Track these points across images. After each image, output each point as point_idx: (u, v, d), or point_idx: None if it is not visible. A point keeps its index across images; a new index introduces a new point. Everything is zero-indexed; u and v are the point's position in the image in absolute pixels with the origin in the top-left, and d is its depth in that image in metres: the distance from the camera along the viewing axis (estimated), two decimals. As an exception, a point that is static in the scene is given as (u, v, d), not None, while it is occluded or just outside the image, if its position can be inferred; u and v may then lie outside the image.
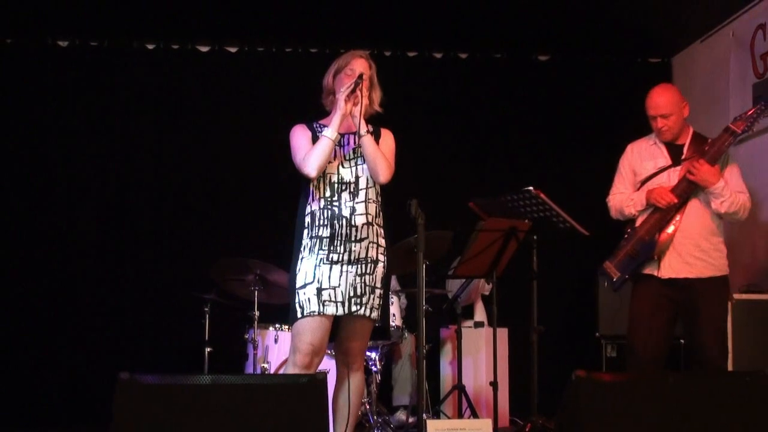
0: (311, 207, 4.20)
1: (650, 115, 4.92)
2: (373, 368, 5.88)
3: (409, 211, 4.19)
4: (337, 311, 4.08)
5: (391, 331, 5.83)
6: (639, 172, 4.99)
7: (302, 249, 4.17)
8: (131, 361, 6.48)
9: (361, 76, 4.17)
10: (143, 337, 6.87)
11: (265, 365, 5.62)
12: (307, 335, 4.08)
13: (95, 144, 7.09)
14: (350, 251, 4.12)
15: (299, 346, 4.09)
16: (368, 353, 5.91)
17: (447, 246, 5.78)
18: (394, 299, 5.91)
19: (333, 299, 4.08)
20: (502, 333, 6.51)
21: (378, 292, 4.18)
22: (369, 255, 4.16)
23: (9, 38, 7.04)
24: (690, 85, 7.36)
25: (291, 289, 4.17)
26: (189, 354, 6.38)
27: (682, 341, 5.68)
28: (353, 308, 4.10)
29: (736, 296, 5.27)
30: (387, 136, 4.37)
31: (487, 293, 6.52)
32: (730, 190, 4.74)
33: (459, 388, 5.83)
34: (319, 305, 4.06)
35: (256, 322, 5.74)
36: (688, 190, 4.77)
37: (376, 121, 4.34)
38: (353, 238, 4.13)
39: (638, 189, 4.96)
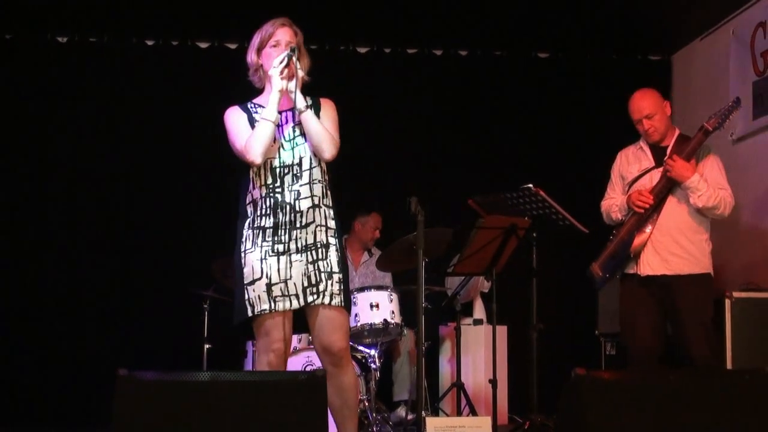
0: (252, 195, 3.94)
1: (635, 120, 5.02)
2: (372, 365, 5.87)
3: (408, 209, 4.17)
4: (291, 305, 3.85)
5: (390, 327, 5.84)
6: (626, 177, 5.10)
7: (244, 241, 3.92)
8: (130, 358, 6.47)
9: (293, 49, 3.88)
10: (142, 333, 6.86)
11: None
12: (273, 334, 3.87)
13: (94, 140, 7.08)
14: (296, 239, 3.85)
15: (270, 346, 3.89)
16: (367, 350, 5.90)
17: (447, 243, 5.77)
18: (393, 296, 5.91)
19: (285, 293, 3.84)
20: (502, 330, 6.50)
21: (336, 276, 3.89)
22: (318, 240, 3.89)
23: (8, 34, 7.03)
24: (690, 82, 7.36)
25: (238, 284, 3.92)
26: (188, 351, 6.39)
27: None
28: (309, 298, 3.86)
29: (735, 294, 5.28)
30: (327, 107, 4.04)
31: (486, 291, 6.51)
32: (707, 184, 4.78)
33: (458, 385, 5.82)
34: (270, 302, 3.83)
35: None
36: (666, 188, 4.85)
37: (310, 91, 4.04)
38: (298, 225, 3.86)
39: (626, 193, 5.05)
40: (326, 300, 3.88)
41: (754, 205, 6.24)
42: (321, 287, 3.87)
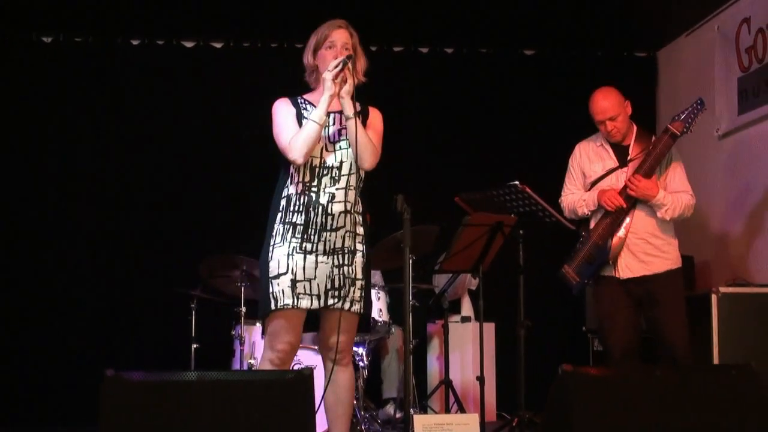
0: (288, 190, 3.96)
1: (598, 120, 5.06)
2: (360, 363, 5.88)
3: (395, 206, 4.17)
4: (312, 304, 3.88)
5: (378, 325, 5.84)
6: (588, 174, 5.14)
7: (274, 235, 3.92)
8: (117, 358, 6.45)
9: (349, 57, 3.89)
10: (129, 333, 6.84)
11: (252, 361, 5.61)
12: (284, 335, 3.89)
13: (79, 141, 7.04)
14: (325, 241, 3.88)
15: (277, 346, 3.90)
16: (355, 348, 5.90)
17: (433, 241, 5.78)
18: (381, 294, 5.91)
19: (308, 292, 3.87)
20: (489, 328, 6.51)
21: (359, 283, 3.96)
22: (346, 245, 3.93)
23: (-8, 34, 7.00)
24: (676, 78, 7.37)
25: (263, 278, 3.93)
26: (175, 351, 6.36)
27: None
28: (330, 301, 3.88)
29: (722, 290, 5.30)
30: (375, 116, 4.12)
31: (473, 288, 6.52)
32: (670, 197, 4.89)
33: (446, 382, 5.82)
34: (293, 298, 3.85)
35: (242, 318, 5.73)
36: (632, 197, 4.93)
37: (361, 97, 4.05)
38: (329, 227, 3.89)
39: (588, 190, 5.10)
40: (347, 306, 3.92)
41: (739, 200, 6.26)
42: (343, 292, 3.91)
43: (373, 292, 5.86)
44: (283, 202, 3.96)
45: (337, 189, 3.93)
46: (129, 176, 7.08)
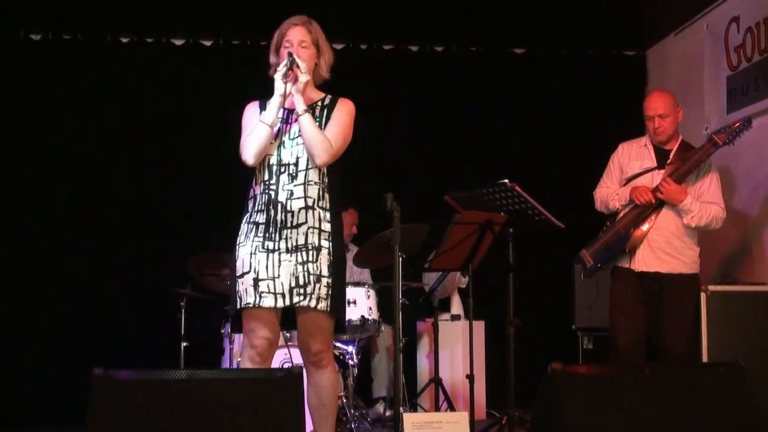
0: (254, 191, 3.98)
1: (648, 116, 5.19)
2: (350, 362, 5.88)
3: (384, 205, 4.17)
4: (276, 303, 3.83)
5: (368, 324, 5.84)
6: (626, 171, 5.28)
7: (239, 235, 3.95)
8: (106, 357, 6.40)
9: (291, 55, 3.90)
10: (118, 332, 6.82)
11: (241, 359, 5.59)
12: (258, 331, 3.88)
13: (68, 138, 7.02)
14: (287, 238, 3.85)
15: (253, 342, 3.90)
16: (345, 346, 5.91)
17: (423, 239, 5.78)
18: (370, 293, 5.91)
19: (271, 290, 3.83)
20: (479, 326, 6.52)
21: (325, 281, 3.86)
22: (309, 241, 3.86)
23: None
24: (665, 77, 7.39)
25: (232, 276, 3.99)
26: (165, 349, 6.36)
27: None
28: (295, 299, 3.83)
29: (711, 288, 5.32)
30: (340, 108, 4.07)
31: (463, 286, 6.53)
32: (698, 205, 5.02)
33: (436, 381, 5.83)
34: (255, 296, 3.83)
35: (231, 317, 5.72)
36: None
37: (332, 89, 4.07)
38: (289, 225, 3.86)
39: (623, 186, 5.23)
40: (312, 303, 3.85)
41: (731, 199, 6.27)
42: (308, 289, 3.85)
43: (363, 290, 5.87)
44: (250, 203, 3.99)
45: (295, 186, 3.90)
46: (117, 174, 7.06)
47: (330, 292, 3.88)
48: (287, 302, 3.85)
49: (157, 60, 7.19)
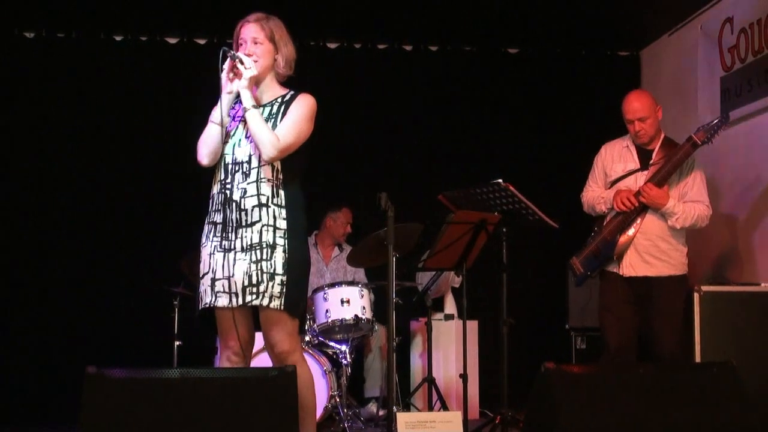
0: (212, 190, 3.97)
1: (627, 119, 5.15)
2: (344, 361, 5.87)
3: (378, 204, 4.17)
4: (230, 302, 3.81)
5: (361, 323, 5.83)
6: (609, 173, 5.26)
7: (202, 235, 3.96)
8: (99, 355, 6.42)
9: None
10: (112, 330, 6.81)
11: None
12: (229, 331, 3.88)
13: (62, 137, 7.01)
14: (242, 237, 3.82)
15: (228, 342, 3.91)
16: (338, 346, 5.91)
17: (417, 238, 5.78)
18: (364, 292, 5.91)
19: (226, 290, 3.81)
20: (472, 325, 6.52)
21: (279, 279, 3.80)
22: (264, 239, 3.82)
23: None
24: (658, 78, 7.40)
25: (196, 278, 4.01)
26: (158, 348, 6.36)
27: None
28: (248, 298, 3.79)
29: (704, 288, 5.33)
30: (296, 103, 3.99)
31: (457, 286, 6.53)
32: (682, 206, 5.01)
33: (429, 380, 5.83)
34: (212, 296, 3.84)
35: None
36: None
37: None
38: (244, 223, 3.83)
39: (608, 188, 5.22)
40: (264, 301, 3.81)
41: (722, 199, 6.28)
42: (261, 288, 3.80)
43: (357, 289, 5.87)
44: (210, 203, 3.98)
45: (248, 183, 3.87)
46: (110, 172, 7.05)
47: (284, 290, 3.82)
48: (240, 301, 3.82)
49: (151, 58, 7.18)
